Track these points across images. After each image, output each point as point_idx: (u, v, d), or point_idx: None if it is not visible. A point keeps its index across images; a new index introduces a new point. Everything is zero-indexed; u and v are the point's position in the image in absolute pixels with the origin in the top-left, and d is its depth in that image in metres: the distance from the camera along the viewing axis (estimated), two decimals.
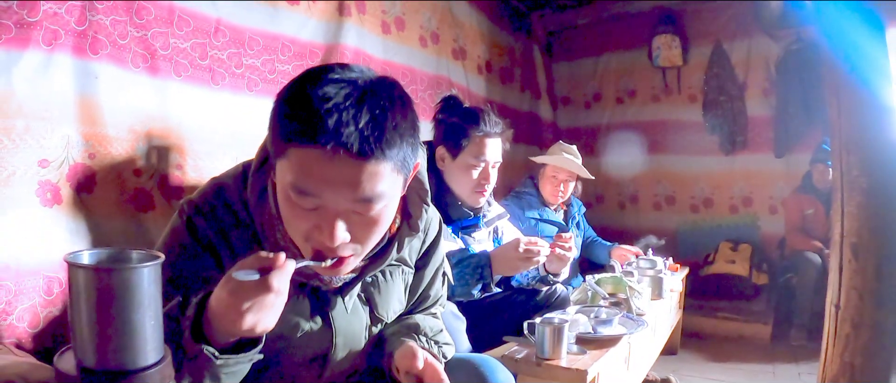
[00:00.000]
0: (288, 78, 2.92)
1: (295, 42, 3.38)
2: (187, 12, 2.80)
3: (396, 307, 1.69)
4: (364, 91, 1.19)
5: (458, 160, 2.64)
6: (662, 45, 6.04)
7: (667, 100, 6.36)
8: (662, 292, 3.43)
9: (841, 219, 2.30)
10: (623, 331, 2.47)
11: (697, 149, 6.19)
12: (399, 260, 1.65)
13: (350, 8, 3.76)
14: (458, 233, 2.75)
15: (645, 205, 6.53)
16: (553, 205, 4.30)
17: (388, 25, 4.17)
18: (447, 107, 2.73)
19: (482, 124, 2.63)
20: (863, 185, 2.22)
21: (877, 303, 2.21)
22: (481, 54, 5.38)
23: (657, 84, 6.37)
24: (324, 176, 1.17)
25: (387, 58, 4.13)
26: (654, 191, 6.47)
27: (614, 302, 2.86)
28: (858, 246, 2.21)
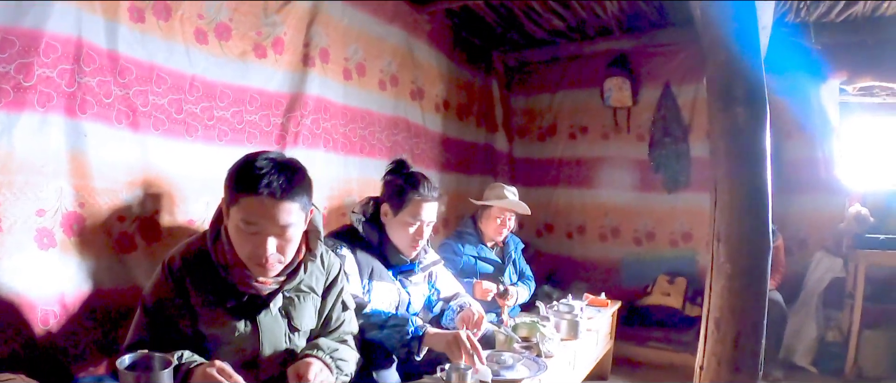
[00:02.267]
0: (255, 127, 3.56)
1: (262, 93, 3.82)
2: (165, 70, 3.24)
3: (307, 322, 2.52)
4: (281, 164, 2.21)
5: (398, 217, 3.17)
6: (614, 87, 6.58)
7: (616, 138, 6.88)
8: (578, 333, 3.81)
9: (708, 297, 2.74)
10: (525, 374, 2.83)
11: (643, 186, 6.71)
12: (309, 287, 2.52)
13: (314, 58, 4.20)
14: (396, 277, 3.28)
15: (591, 236, 7.02)
16: (496, 242, 4.77)
17: (349, 72, 4.61)
18: (394, 170, 3.29)
19: (421, 189, 3.14)
20: (727, 271, 2.61)
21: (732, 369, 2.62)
22: (439, 93, 5.85)
23: (608, 122, 6.88)
24: (261, 211, 2.17)
25: (346, 102, 4.55)
26: (601, 223, 6.97)
27: (526, 346, 3.27)
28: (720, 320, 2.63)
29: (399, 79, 5.20)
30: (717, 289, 2.68)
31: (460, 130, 6.23)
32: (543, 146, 7.27)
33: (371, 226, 3.22)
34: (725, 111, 2.68)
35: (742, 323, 2.61)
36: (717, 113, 2.73)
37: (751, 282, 2.62)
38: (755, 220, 2.65)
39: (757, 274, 2.64)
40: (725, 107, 2.68)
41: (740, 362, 2.62)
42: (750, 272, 2.62)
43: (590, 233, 7.05)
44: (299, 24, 4.13)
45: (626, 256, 6.80)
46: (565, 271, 6.84)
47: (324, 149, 4.34)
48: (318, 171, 4.26)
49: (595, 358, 4.58)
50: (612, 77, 6.58)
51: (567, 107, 7.14)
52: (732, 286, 2.62)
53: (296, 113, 4.05)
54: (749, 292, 2.62)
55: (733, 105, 2.65)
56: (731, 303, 2.63)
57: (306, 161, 4.01)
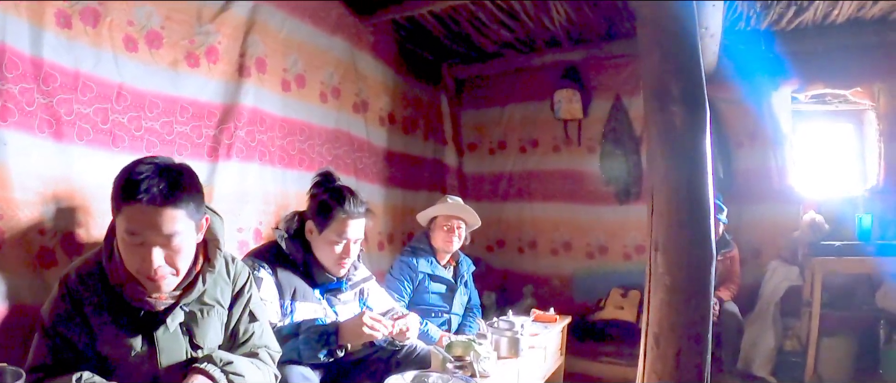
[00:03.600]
0: (186, 139, 3.48)
1: (194, 103, 3.79)
2: (92, 78, 3.20)
3: (212, 337, 2.44)
4: (162, 168, 2.13)
5: (323, 235, 3.10)
6: (564, 99, 6.69)
7: (567, 151, 6.98)
8: (519, 350, 3.78)
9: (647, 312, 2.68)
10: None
11: (594, 198, 6.79)
12: (214, 300, 2.43)
13: (250, 68, 4.18)
14: (324, 295, 3.23)
15: (543, 250, 7.09)
16: (447, 253, 4.74)
17: (288, 83, 4.61)
18: (319, 184, 3.24)
19: (347, 206, 3.09)
20: (666, 284, 2.53)
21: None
22: (384, 106, 5.87)
23: (558, 135, 6.98)
24: (142, 220, 2.08)
25: (285, 114, 4.54)
26: (552, 237, 7.04)
27: (460, 365, 3.17)
28: (659, 335, 2.55)
29: (341, 91, 5.21)
30: (655, 303, 2.61)
31: (407, 144, 6.25)
32: (494, 160, 7.34)
33: (295, 244, 3.16)
34: (661, 112, 2.60)
35: (683, 338, 2.54)
36: (653, 114, 2.64)
37: (692, 295, 2.54)
38: (695, 228, 2.55)
39: (699, 286, 2.55)
40: (661, 107, 2.60)
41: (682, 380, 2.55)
42: (691, 284, 2.54)
43: (541, 248, 7.11)
44: (235, 33, 4.12)
45: (578, 270, 6.87)
46: (516, 286, 6.88)
47: (259, 163, 4.30)
48: (253, 185, 4.24)
49: (542, 375, 4.54)
50: (563, 89, 6.68)
51: (517, 121, 7.22)
52: (672, 299, 2.54)
53: (229, 124, 4.01)
54: (690, 306, 2.54)
55: (669, 104, 2.57)
56: (671, 318, 2.55)
57: (240, 174, 4.07)
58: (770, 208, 6.43)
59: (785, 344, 5.80)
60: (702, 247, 2.54)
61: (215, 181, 3.93)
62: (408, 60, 6.34)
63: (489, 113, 7.34)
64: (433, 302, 4.63)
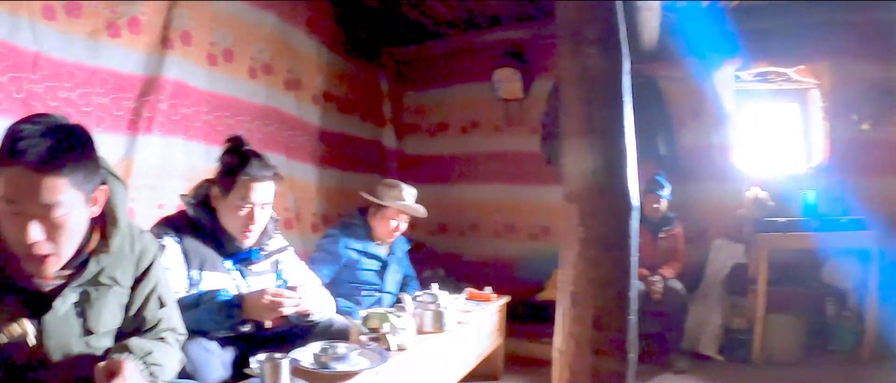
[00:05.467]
0: (105, 111, 3.47)
1: (115, 75, 3.78)
2: (6, 46, 3.18)
3: (108, 320, 2.17)
4: (50, 128, 1.83)
5: (228, 200, 2.97)
6: (504, 79, 6.81)
7: (508, 132, 7.10)
8: (444, 325, 3.74)
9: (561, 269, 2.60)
10: (362, 366, 2.73)
11: (536, 179, 6.91)
12: (111, 279, 2.15)
13: (173, 40, 4.18)
14: (236, 266, 3.13)
15: (486, 233, 7.21)
16: (385, 242, 4.74)
17: (215, 57, 4.61)
18: (226, 148, 3.11)
19: (251, 168, 2.94)
20: (580, 235, 2.46)
21: (594, 351, 2.45)
22: (319, 84, 5.89)
23: (500, 115, 7.10)
24: (19, 185, 1.79)
25: (211, 89, 4.54)
26: (495, 220, 7.17)
27: (374, 337, 3.17)
28: (577, 294, 2.47)
29: (272, 67, 5.22)
30: (570, 259, 2.51)
31: (342, 124, 6.29)
32: (434, 142, 7.44)
33: (203, 210, 3.04)
34: (576, 54, 2.56)
35: (602, 297, 2.45)
36: (568, 57, 2.60)
37: (610, 248, 2.46)
38: (612, 176, 2.50)
39: (617, 238, 2.47)
40: (576, 49, 2.55)
41: (604, 343, 2.45)
42: (608, 236, 2.46)
43: (484, 230, 7.24)
44: (159, 5, 4.11)
45: (521, 252, 6.98)
46: (459, 270, 6.88)
47: (183, 138, 4.29)
48: (177, 161, 4.24)
49: (478, 355, 4.56)
50: (504, 69, 6.80)
51: (459, 102, 7.32)
52: (588, 253, 2.46)
53: (151, 97, 4.01)
54: (608, 260, 2.45)
55: (584, 46, 2.52)
56: (588, 274, 2.45)
57: (163, 149, 4.06)
58: (714, 186, 6.61)
59: (731, 322, 5.96)
60: (619, 195, 2.48)
61: (135, 155, 3.92)
62: (346, 39, 6.37)
63: (430, 94, 7.43)
64: (366, 279, 4.60)
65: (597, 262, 2.45)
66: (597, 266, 2.45)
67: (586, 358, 2.46)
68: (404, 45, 7.15)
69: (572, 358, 2.51)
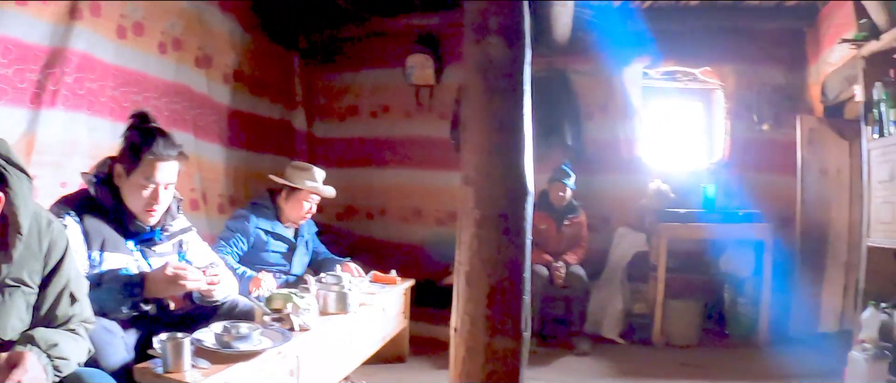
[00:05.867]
0: (7, 82, 3.48)
1: (18, 44, 3.67)
2: None
3: (16, 324, 2.02)
4: None
5: (131, 178, 2.86)
6: (417, 64, 6.90)
7: (418, 117, 7.22)
8: (348, 306, 3.76)
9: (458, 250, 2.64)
10: (265, 345, 2.75)
11: (445, 165, 6.96)
12: (17, 280, 2.01)
13: (82, 10, 4.06)
14: (137, 247, 3.04)
15: (393, 217, 7.32)
16: (293, 224, 4.76)
17: (124, 30, 4.51)
18: (131, 125, 2.99)
19: (156, 147, 2.84)
20: (476, 217, 2.51)
21: (488, 329, 2.53)
22: (231, 63, 5.85)
23: (410, 101, 7.20)
24: None
25: (119, 63, 4.45)
26: (402, 204, 7.28)
27: (278, 318, 3.15)
28: (471, 274, 2.53)
29: (183, 43, 5.15)
30: (465, 239, 2.57)
31: (253, 105, 6.26)
32: (345, 125, 7.46)
33: (105, 189, 2.91)
34: (479, 43, 2.61)
35: (497, 275, 2.52)
36: (471, 46, 2.65)
37: (504, 231, 2.53)
38: (509, 161, 2.56)
39: (512, 221, 2.55)
40: (479, 38, 2.61)
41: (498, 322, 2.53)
42: (503, 218, 2.53)
43: (391, 214, 7.35)
44: None
45: (428, 237, 7.08)
46: (367, 253, 6.82)
47: (88, 113, 4.19)
48: (82, 137, 4.14)
49: (382, 337, 4.61)
50: (416, 54, 6.89)
51: (370, 86, 7.38)
52: (483, 234, 2.52)
53: (56, 69, 3.91)
54: (503, 241, 2.53)
55: (487, 36, 2.58)
56: (483, 254, 2.52)
57: (67, 124, 3.98)
58: (619, 177, 6.92)
59: (632, 307, 6.28)
60: (515, 179, 2.56)
61: (38, 131, 3.83)
62: (260, 18, 6.33)
63: (342, 77, 7.45)
64: (273, 260, 4.62)
65: (491, 243, 2.52)
66: (491, 247, 2.52)
67: (481, 336, 2.54)
68: (318, 27, 7.17)
69: (468, 336, 2.59)
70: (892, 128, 4.39)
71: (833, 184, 6.20)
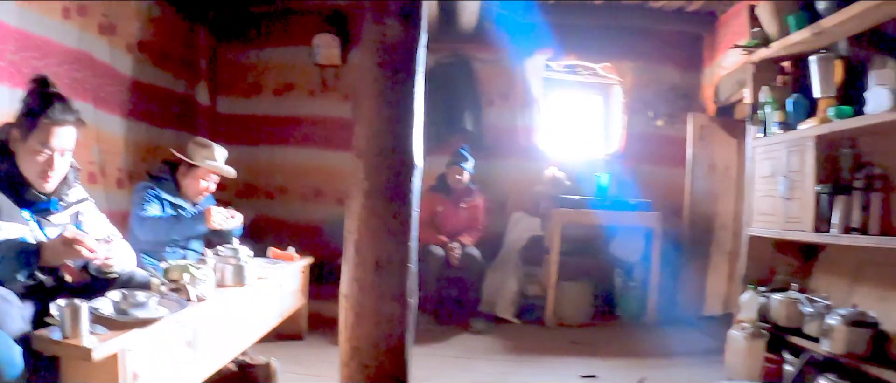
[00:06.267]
0: None
1: None
2: None
3: None
4: None
5: (27, 144, 2.79)
6: (323, 44, 6.92)
7: (322, 97, 7.25)
8: (244, 279, 3.76)
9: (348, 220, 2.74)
10: (161, 314, 2.74)
11: (346, 146, 6.73)
12: None
13: None
14: (33, 216, 2.96)
15: (293, 196, 7.33)
16: (194, 200, 4.71)
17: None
18: (29, 89, 2.90)
19: (52, 111, 2.77)
20: (365, 188, 2.63)
21: (376, 294, 2.64)
22: (135, 32, 5.70)
23: (315, 80, 7.22)
24: None
25: (21, 26, 4.29)
26: (303, 183, 7.31)
27: (175, 288, 3.13)
28: (359, 243, 2.63)
29: (87, 9, 5.01)
30: (355, 209, 2.68)
31: (156, 77, 6.12)
32: (248, 102, 7.39)
33: (1, 157, 2.84)
34: (377, 24, 2.71)
35: (383, 245, 2.63)
36: (370, 26, 2.74)
37: (392, 201, 2.65)
38: (399, 137, 2.68)
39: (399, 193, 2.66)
40: (378, 19, 2.71)
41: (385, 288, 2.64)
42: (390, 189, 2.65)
43: (292, 193, 7.36)
44: None
45: (328, 216, 7.08)
46: (266, 233, 6.85)
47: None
48: None
49: (280, 313, 4.65)
50: (323, 34, 6.91)
51: (276, 63, 7.33)
52: (371, 205, 2.63)
53: None
54: (390, 211, 2.64)
55: (386, 17, 2.68)
56: (370, 224, 2.63)
57: None
58: (516, 163, 7.19)
59: (527, 289, 6.53)
60: (403, 154, 2.68)
61: None
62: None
63: (248, 53, 7.38)
64: None
65: (378, 214, 2.63)
66: (379, 217, 2.64)
67: (369, 302, 2.64)
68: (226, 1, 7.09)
69: (355, 302, 2.68)
70: (775, 128, 4.78)
71: (720, 178, 6.64)
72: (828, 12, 4.15)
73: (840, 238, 4.04)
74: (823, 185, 4.18)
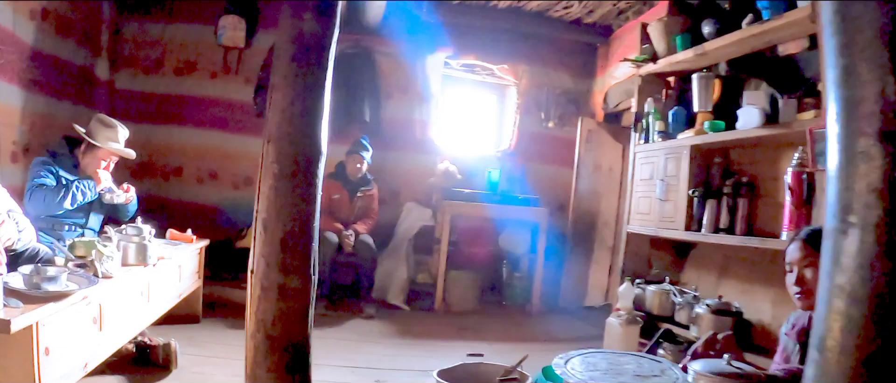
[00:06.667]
0: None
1: None
2: None
3: None
4: None
5: None
6: (229, 25, 6.85)
7: (224, 79, 7.18)
8: (147, 258, 3.82)
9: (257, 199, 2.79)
10: (71, 288, 2.80)
11: (245, 129, 7.12)
12: None
13: None
14: None
15: (189, 178, 7.22)
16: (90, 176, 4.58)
17: None
18: None
19: None
20: (275, 171, 2.70)
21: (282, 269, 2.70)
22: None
23: (218, 61, 7.13)
24: None
25: None
26: (199, 165, 7.22)
27: (81, 264, 3.21)
28: (267, 221, 2.70)
29: None
30: (264, 190, 2.78)
31: (57, 47, 5.87)
32: (148, 79, 7.18)
33: None
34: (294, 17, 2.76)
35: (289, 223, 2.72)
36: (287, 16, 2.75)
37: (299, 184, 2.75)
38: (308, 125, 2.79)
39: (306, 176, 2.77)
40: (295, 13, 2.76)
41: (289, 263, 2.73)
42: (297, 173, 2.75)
43: (187, 175, 7.24)
44: None
45: (224, 200, 7.14)
46: (161, 213, 6.70)
47: None
48: None
49: (178, 293, 4.69)
50: (229, 15, 6.87)
51: (179, 41, 7.18)
52: (279, 186, 2.73)
53: None
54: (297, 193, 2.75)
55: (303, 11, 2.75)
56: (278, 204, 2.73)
57: None
58: (411, 156, 7.45)
59: (417, 277, 6.82)
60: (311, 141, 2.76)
61: None
62: None
63: (153, 28, 7.17)
64: (69, 214, 4.54)
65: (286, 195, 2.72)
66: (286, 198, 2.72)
67: (274, 276, 2.69)
68: None
69: (262, 276, 2.74)
70: (656, 136, 5.32)
71: (605, 179, 7.11)
72: (711, 37, 4.71)
73: (709, 236, 4.58)
74: (696, 190, 4.72)
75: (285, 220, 2.75)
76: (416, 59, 7.44)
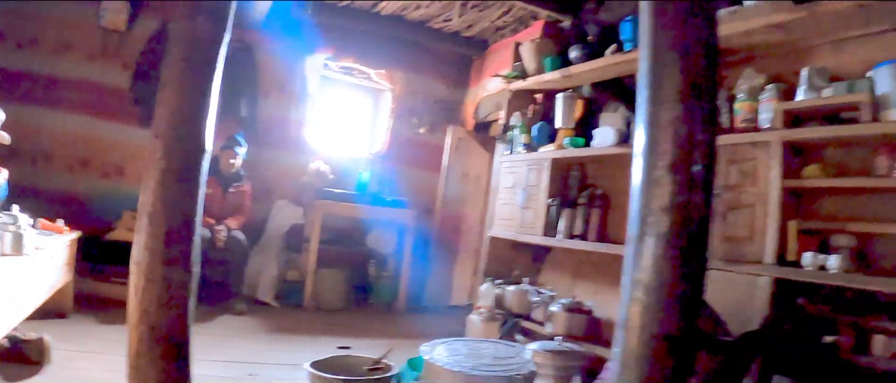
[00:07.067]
0: None
1: None
2: None
3: None
4: None
5: None
6: (112, 8, 6.68)
7: (101, 62, 6.84)
8: (23, 248, 3.70)
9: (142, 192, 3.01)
10: None
11: (119, 117, 6.83)
12: None
13: None
14: None
15: (58, 165, 6.81)
16: None
17: None
18: None
19: None
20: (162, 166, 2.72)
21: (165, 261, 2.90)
22: None
23: (97, 44, 6.82)
24: None
25: None
26: (70, 152, 6.83)
27: None
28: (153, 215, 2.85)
29: None
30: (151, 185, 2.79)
31: None
32: (21, 56, 6.68)
33: None
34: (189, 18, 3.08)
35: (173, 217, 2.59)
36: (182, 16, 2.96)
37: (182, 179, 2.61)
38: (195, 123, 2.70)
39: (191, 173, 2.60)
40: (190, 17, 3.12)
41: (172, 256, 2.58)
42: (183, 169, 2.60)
43: (57, 162, 6.84)
44: None
45: (93, 190, 6.84)
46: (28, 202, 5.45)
47: None
48: None
49: (50, 287, 4.53)
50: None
51: (56, 18, 6.74)
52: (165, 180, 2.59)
53: None
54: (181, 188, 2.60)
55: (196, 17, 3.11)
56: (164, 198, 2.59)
57: None
58: (285, 154, 7.58)
59: (287, 274, 6.95)
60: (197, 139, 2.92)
61: None
62: None
63: (27, 3, 6.62)
64: None
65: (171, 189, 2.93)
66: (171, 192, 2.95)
67: (158, 268, 2.86)
68: None
69: (147, 268, 2.91)
70: (520, 148, 5.81)
71: (471, 185, 7.55)
72: (578, 61, 5.21)
73: (564, 242, 5.10)
74: (554, 199, 5.23)
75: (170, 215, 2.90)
76: (296, 59, 7.62)
